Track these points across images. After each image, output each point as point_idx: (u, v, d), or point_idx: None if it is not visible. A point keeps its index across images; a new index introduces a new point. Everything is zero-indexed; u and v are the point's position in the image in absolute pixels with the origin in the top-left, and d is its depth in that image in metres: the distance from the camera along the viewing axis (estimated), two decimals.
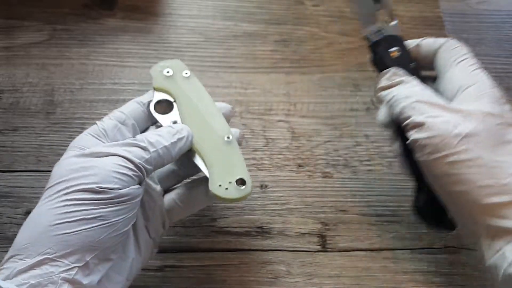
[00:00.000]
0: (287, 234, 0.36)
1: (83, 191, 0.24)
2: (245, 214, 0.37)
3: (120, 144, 0.27)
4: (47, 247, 0.23)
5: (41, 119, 0.41)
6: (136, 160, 0.26)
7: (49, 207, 0.24)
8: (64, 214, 0.24)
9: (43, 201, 0.25)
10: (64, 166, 0.26)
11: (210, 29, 0.47)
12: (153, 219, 0.30)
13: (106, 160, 0.26)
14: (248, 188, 0.29)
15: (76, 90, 0.42)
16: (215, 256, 0.35)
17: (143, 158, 0.27)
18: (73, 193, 0.24)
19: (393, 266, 0.35)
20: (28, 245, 0.23)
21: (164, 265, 0.35)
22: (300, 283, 0.34)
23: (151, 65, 0.34)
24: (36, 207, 0.25)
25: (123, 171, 0.26)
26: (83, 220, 0.24)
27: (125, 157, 0.26)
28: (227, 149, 0.31)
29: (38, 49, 0.45)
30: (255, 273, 0.35)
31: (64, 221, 0.23)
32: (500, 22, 0.49)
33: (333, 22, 0.48)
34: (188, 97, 0.32)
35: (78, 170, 0.25)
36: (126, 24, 0.47)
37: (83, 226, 0.24)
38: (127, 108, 0.31)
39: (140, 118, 0.31)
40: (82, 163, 0.26)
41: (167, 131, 0.29)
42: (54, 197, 0.25)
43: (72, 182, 0.25)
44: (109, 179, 0.25)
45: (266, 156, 0.40)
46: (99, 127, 0.29)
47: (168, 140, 0.28)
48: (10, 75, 0.43)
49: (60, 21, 0.46)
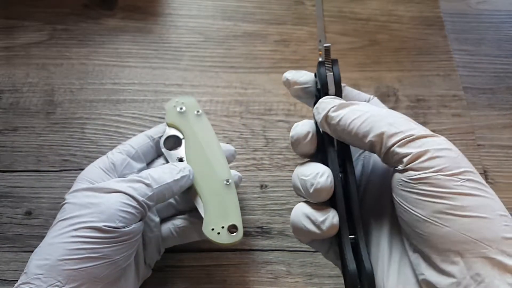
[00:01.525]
0: (287, 234, 0.36)
1: (91, 229, 0.26)
2: (245, 214, 0.37)
3: (126, 180, 0.29)
4: (57, 280, 0.25)
5: (41, 119, 0.41)
6: (140, 198, 0.28)
7: (60, 241, 0.26)
8: (72, 251, 0.26)
9: (56, 233, 0.27)
10: (74, 200, 0.28)
11: (210, 29, 0.47)
12: (150, 247, 0.32)
13: (112, 198, 0.28)
14: (239, 234, 0.30)
15: (76, 90, 0.42)
16: (215, 256, 0.35)
17: (146, 195, 0.29)
18: (82, 230, 0.26)
19: None
20: (40, 276, 0.25)
21: (164, 265, 0.35)
22: (300, 283, 0.34)
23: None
24: (48, 235, 0.27)
25: (127, 209, 0.28)
26: (89, 258, 0.26)
27: (130, 195, 0.28)
28: (225, 192, 0.32)
29: (38, 49, 0.45)
30: (255, 273, 0.35)
31: (72, 257, 0.26)
32: (500, 22, 0.49)
33: (333, 22, 0.48)
34: (196, 136, 0.34)
35: (87, 206, 0.27)
36: (126, 24, 0.47)
37: (89, 263, 0.26)
38: (137, 143, 0.33)
39: (148, 151, 0.33)
40: (90, 198, 0.28)
41: (170, 168, 0.31)
42: (65, 231, 0.26)
43: (81, 219, 0.27)
44: (114, 217, 0.27)
45: (266, 156, 0.40)
46: (109, 160, 0.31)
47: (171, 178, 0.30)
48: (10, 75, 0.43)
49: (60, 21, 0.46)
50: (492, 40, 0.48)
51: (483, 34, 0.48)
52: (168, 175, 0.30)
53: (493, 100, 0.44)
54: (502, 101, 0.44)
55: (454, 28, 0.48)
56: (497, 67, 0.46)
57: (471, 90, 0.44)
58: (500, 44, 0.48)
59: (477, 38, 0.48)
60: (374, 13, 0.49)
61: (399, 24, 0.48)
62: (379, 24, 0.48)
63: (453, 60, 0.46)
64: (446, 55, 0.46)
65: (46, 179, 0.38)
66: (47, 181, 0.38)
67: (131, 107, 0.42)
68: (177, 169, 0.31)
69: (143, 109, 0.42)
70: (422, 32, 0.48)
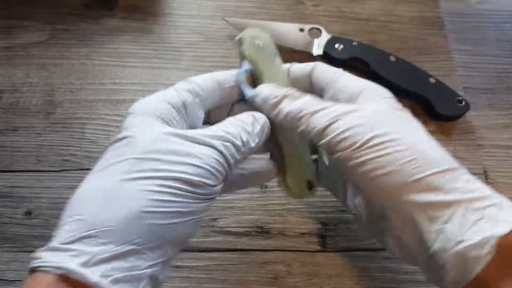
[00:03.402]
0: (287, 234, 0.36)
1: (182, 181, 0.22)
2: (245, 214, 0.37)
3: (216, 136, 0.25)
4: (137, 236, 0.21)
5: (41, 119, 0.41)
6: (231, 160, 0.25)
7: (141, 188, 0.22)
8: (160, 202, 0.22)
9: (128, 176, 0.22)
10: (154, 140, 0.23)
11: (210, 29, 0.47)
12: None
13: (205, 151, 0.24)
14: (315, 190, 0.30)
15: (76, 90, 0.42)
16: (215, 256, 0.35)
17: (235, 158, 0.25)
18: (171, 180, 0.22)
19: (393, 266, 0.35)
20: (113, 228, 0.20)
21: None
22: (300, 283, 0.34)
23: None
24: (110, 174, 0.22)
25: (220, 168, 0.24)
26: (178, 213, 0.22)
27: (223, 153, 0.24)
28: (301, 144, 0.31)
29: (38, 49, 0.45)
30: (255, 273, 0.35)
31: (160, 210, 0.21)
32: (500, 22, 0.49)
33: (333, 22, 0.48)
34: (275, 79, 0.29)
35: (177, 152, 0.23)
36: (126, 24, 0.47)
37: (177, 219, 0.22)
38: (206, 86, 0.28)
39: (215, 102, 0.29)
40: (178, 145, 0.24)
41: (254, 129, 0.27)
42: (148, 176, 0.22)
43: (170, 166, 0.22)
44: (207, 174, 0.23)
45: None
46: (181, 98, 0.27)
47: (255, 141, 0.27)
48: (10, 75, 0.43)
49: (60, 21, 0.46)
50: (492, 40, 0.48)
51: (483, 34, 0.48)
52: (253, 138, 0.26)
53: (493, 100, 0.44)
54: (502, 101, 0.44)
55: (454, 28, 0.48)
56: (497, 67, 0.46)
57: (471, 90, 0.44)
58: (500, 44, 0.48)
59: (477, 38, 0.48)
60: (374, 13, 0.49)
61: (399, 24, 0.48)
62: (379, 24, 0.48)
63: (453, 60, 0.46)
64: (446, 55, 0.46)
65: (46, 179, 0.38)
66: (47, 181, 0.38)
67: None
68: (258, 128, 0.27)
69: None
70: (422, 32, 0.48)
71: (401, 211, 0.24)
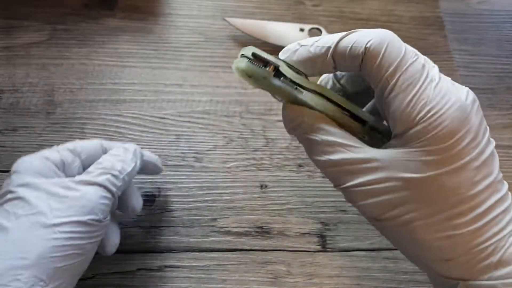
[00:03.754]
0: (287, 234, 0.36)
1: (75, 223, 0.26)
2: (245, 214, 0.37)
3: (95, 174, 0.28)
4: (40, 279, 0.24)
5: (41, 119, 0.41)
6: (114, 189, 0.28)
7: (38, 238, 0.25)
8: (57, 248, 0.25)
9: (26, 229, 0.25)
10: (39, 194, 0.26)
11: (210, 29, 0.47)
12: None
13: (91, 190, 0.27)
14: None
15: (76, 90, 0.42)
16: (215, 256, 0.35)
17: (116, 186, 0.29)
18: (65, 225, 0.25)
19: (393, 266, 0.35)
20: (20, 276, 0.24)
21: (164, 265, 0.35)
22: (300, 283, 0.34)
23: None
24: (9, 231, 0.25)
25: (105, 202, 0.28)
26: (74, 254, 0.26)
27: (105, 186, 0.28)
28: None
29: (38, 49, 0.45)
30: (255, 273, 0.35)
31: (57, 254, 0.25)
32: (500, 22, 0.49)
33: (333, 22, 0.48)
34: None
35: (63, 199, 0.26)
36: (126, 24, 0.47)
37: (75, 259, 0.26)
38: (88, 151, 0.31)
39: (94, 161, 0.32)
40: (65, 191, 0.27)
41: (127, 156, 0.31)
42: (41, 226, 0.25)
43: (62, 213, 0.26)
44: (96, 210, 0.27)
45: (266, 156, 0.40)
46: (60, 156, 0.29)
47: (130, 165, 0.30)
48: (10, 75, 0.43)
49: (60, 21, 0.46)
50: (492, 40, 0.48)
51: (483, 34, 0.48)
52: (127, 163, 0.30)
53: (493, 100, 0.44)
54: (502, 101, 0.44)
55: (454, 28, 0.48)
56: (497, 67, 0.46)
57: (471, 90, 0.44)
58: (500, 44, 0.48)
59: (477, 38, 0.48)
60: (374, 13, 0.49)
61: (399, 24, 0.48)
62: (379, 24, 0.48)
63: (453, 60, 0.46)
64: (446, 55, 0.46)
65: None
66: None
67: (131, 107, 0.42)
68: (130, 155, 0.31)
69: (143, 109, 0.42)
70: (422, 32, 0.48)
71: None
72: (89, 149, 0.31)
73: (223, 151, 0.40)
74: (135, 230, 0.36)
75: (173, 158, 0.39)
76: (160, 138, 0.40)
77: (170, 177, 0.38)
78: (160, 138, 0.40)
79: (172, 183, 0.38)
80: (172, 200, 0.37)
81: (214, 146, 0.40)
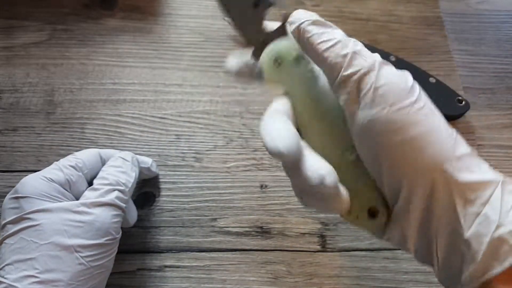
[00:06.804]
0: (287, 234, 0.36)
1: (94, 246, 0.27)
2: (245, 214, 0.37)
3: (105, 191, 0.30)
4: None
5: (41, 119, 0.41)
6: (123, 205, 0.30)
7: (67, 265, 0.26)
8: (80, 273, 0.27)
9: (54, 254, 0.26)
10: (55, 220, 0.27)
11: (210, 29, 0.47)
12: None
13: (103, 212, 0.29)
14: (381, 218, 0.23)
15: (76, 90, 0.42)
16: (215, 256, 0.35)
17: (124, 200, 0.30)
18: (85, 250, 0.27)
19: (393, 266, 0.35)
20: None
21: (164, 265, 0.35)
22: (300, 283, 0.34)
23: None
24: (38, 252, 0.26)
25: (117, 219, 0.29)
26: (97, 274, 0.28)
27: (115, 205, 0.29)
28: (351, 164, 0.24)
29: (38, 49, 0.45)
30: (255, 273, 0.35)
31: (80, 278, 0.27)
32: (500, 22, 0.49)
33: (333, 22, 0.48)
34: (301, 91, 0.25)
35: (78, 225, 0.27)
36: (126, 24, 0.47)
37: (96, 279, 0.28)
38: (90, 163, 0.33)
39: (96, 174, 0.32)
40: (77, 215, 0.28)
41: (126, 167, 0.32)
42: (68, 252, 0.27)
43: (79, 241, 0.27)
44: (110, 230, 0.29)
45: (266, 156, 0.40)
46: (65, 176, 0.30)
47: (132, 176, 0.32)
48: (10, 75, 0.43)
49: (60, 21, 0.46)
50: (492, 40, 0.48)
51: (483, 34, 0.48)
52: (130, 175, 0.32)
53: (493, 100, 0.44)
54: (502, 101, 0.44)
55: (454, 28, 0.48)
56: (497, 67, 0.46)
57: (471, 90, 0.44)
58: (500, 44, 0.48)
59: (477, 38, 0.48)
60: (374, 13, 0.49)
61: (399, 24, 0.48)
62: (379, 24, 0.48)
63: (453, 60, 0.46)
64: (446, 55, 0.46)
65: None
66: None
67: (131, 107, 0.42)
68: (129, 165, 0.33)
69: (143, 109, 0.42)
70: (422, 32, 0.48)
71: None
72: (89, 162, 0.32)
73: (223, 151, 0.40)
74: (135, 230, 0.36)
75: (173, 158, 0.39)
76: (160, 138, 0.40)
77: (170, 177, 0.38)
78: (160, 138, 0.40)
79: (172, 183, 0.38)
80: (172, 200, 0.37)
81: (214, 146, 0.40)
